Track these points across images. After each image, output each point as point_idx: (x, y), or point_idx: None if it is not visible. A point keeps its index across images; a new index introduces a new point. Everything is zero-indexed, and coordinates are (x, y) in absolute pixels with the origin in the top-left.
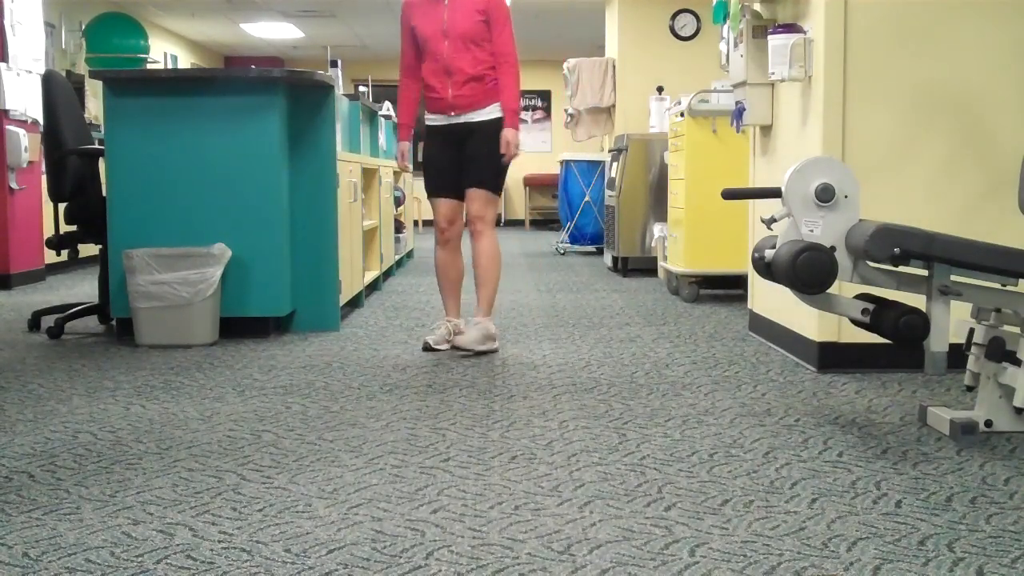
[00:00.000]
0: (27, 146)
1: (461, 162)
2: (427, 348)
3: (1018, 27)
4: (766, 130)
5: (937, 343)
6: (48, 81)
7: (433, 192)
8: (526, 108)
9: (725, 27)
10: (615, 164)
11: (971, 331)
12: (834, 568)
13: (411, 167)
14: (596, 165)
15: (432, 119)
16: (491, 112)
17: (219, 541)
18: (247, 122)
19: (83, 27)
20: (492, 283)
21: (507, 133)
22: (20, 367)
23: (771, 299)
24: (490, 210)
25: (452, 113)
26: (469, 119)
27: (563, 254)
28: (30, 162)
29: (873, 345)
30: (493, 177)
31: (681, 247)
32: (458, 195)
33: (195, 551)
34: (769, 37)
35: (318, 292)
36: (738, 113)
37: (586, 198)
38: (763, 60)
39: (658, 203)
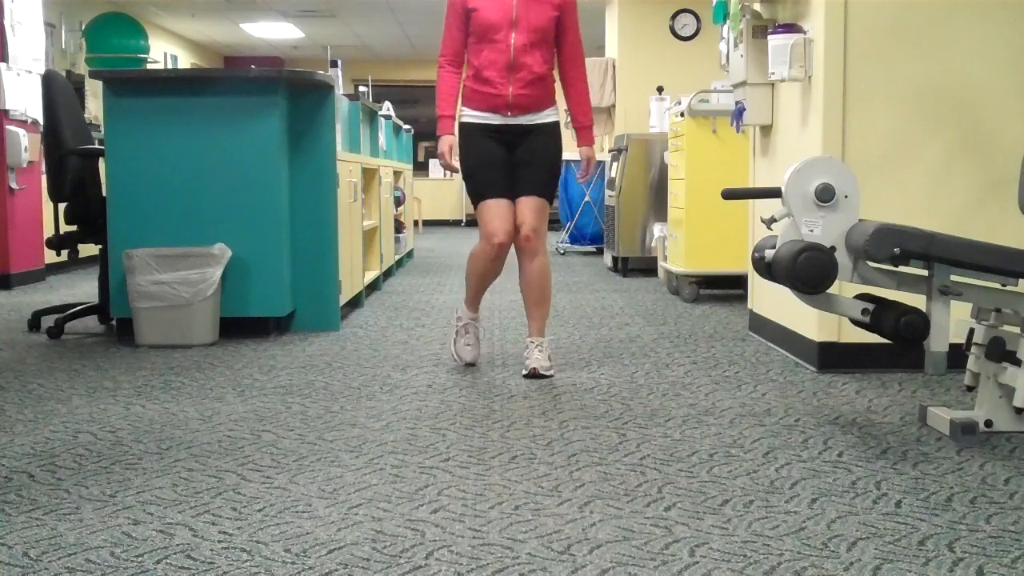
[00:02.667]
0: (27, 146)
1: (514, 164)
2: (457, 362)
3: (1018, 27)
4: (766, 130)
5: (937, 343)
6: (48, 81)
7: (490, 192)
8: None
9: (725, 27)
10: (615, 164)
11: (971, 331)
12: (834, 568)
13: (458, 166)
14: (596, 165)
15: (478, 116)
16: (548, 115)
17: (219, 541)
18: (247, 122)
19: (83, 27)
20: (549, 302)
21: (586, 152)
22: (20, 367)
23: (771, 299)
24: (545, 224)
25: (509, 113)
26: (526, 121)
27: (563, 254)
28: (30, 162)
29: (873, 345)
30: (550, 184)
31: (681, 247)
32: (512, 196)
33: (195, 551)
34: (769, 37)
35: (318, 292)
36: (738, 113)
37: (586, 198)
38: (763, 60)
39: (658, 203)
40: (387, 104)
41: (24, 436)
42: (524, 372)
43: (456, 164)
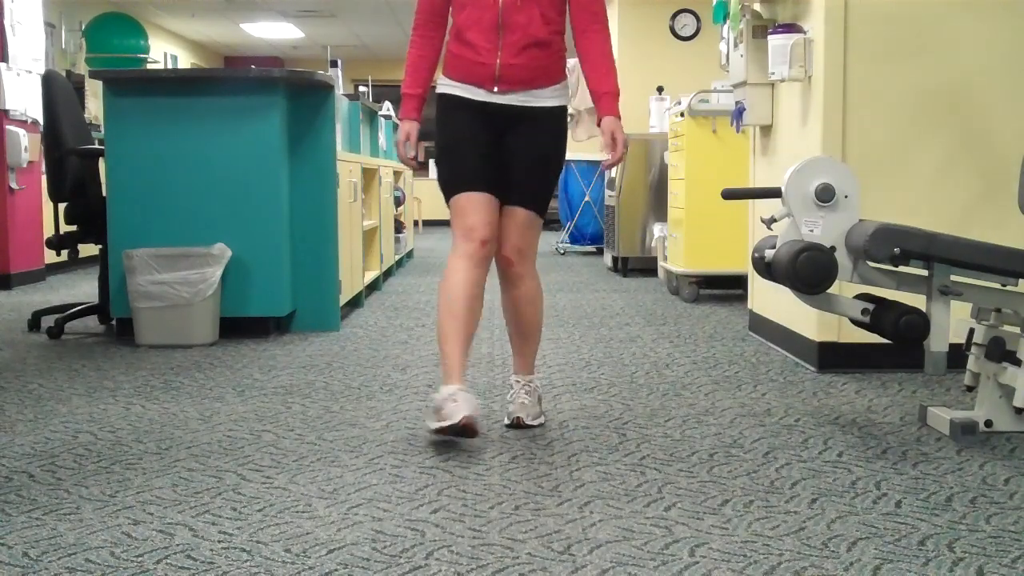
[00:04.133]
0: (27, 146)
1: (501, 157)
2: (445, 431)
3: (1017, 27)
4: (766, 130)
5: (937, 343)
6: (48, 81)
7: (462, 184)
8: None
9: (725, 27)
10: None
11: (971, 331)
12: (834, 568)
13: (417, 161)
14: (596, 165)
15: (459, 90)
16: (551, 96)
17: (219, 541)
18: (247, 122)
19: (83, 27)
20: (538, 334)
21: (611, 124)
22: (20, 367)
23: (771, 299)
24: (535, 243)
25: (496, 88)
26: (519, 101)
27: (563, 254)
28: (30, 162)
29: (873, 345)
30: (544, 193)
31: (681, 247)
32: (497, 193)
33: (195, 551)
34: (769, 37)
35: (318, 292)
36: (738, 113)
37: (586, 198)
38: (763, 60)
39: (658, 203)
40: (387, 104)
41: (24, 436)
42: (506, 421)
43: (413, 155)
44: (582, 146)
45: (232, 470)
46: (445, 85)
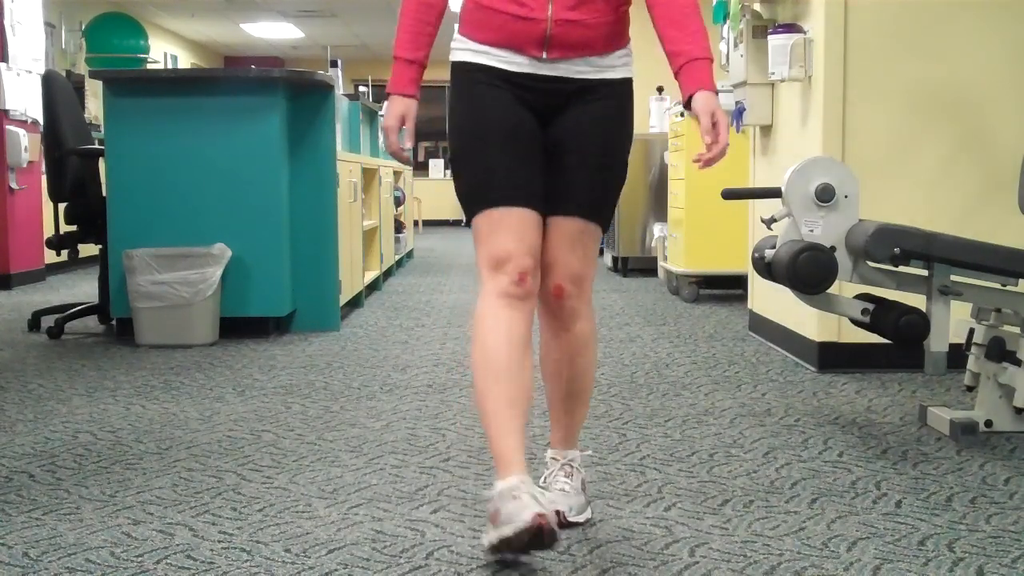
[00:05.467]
0: (27, 146)
1: (547, 153)
2: (509, 544)
3: (1017, 27)
4: (766, 130)
5: (937, 343)
6: (48, 81)
7: (492, 195)
8: None
9: (725, 27)
10: None
11: (971, 331)
12: (834, 568)
13: (409, 151)
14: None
15: (488, 57)
16: (618, 65)
17: (219, 541)
18: (247, 122)
19: (83, 27)
20: (588, 396)
21: (708, 102)
22: (20, 367)
23: (771, 299)
24: (594, 267)
25: (545, 55)
26: (577, 72)
27: None
28: (30, 162)
29: (873, 345)
30: (610, 199)
31: (681, 247)
32: (540, 207)
33: (195, 551)
34: (769, 37)
35: (318, 292)
36: (738, 113)
37: None
38: (763, 60)
39: (658, 203)
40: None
41: (24, 436)
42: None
43: (404, 147)
44: None
45: (232, 470)
46: (465, 50)
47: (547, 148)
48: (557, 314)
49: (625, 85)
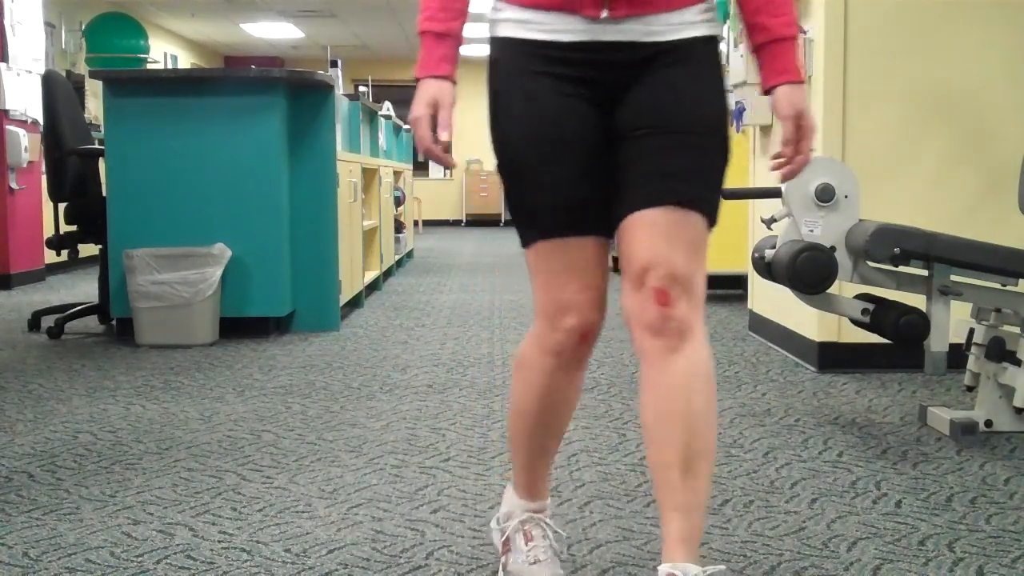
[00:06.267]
0: (27, 146)
1: (618, 144)
2: None
3: (1018, 27)
4: (766, 130)
5: (937, 343)
6: (48, 81)
7: (552, 225)
8: None
9: (725, 27)
10: None
11: (971, 331)
12: (834, 568)
13: (450, 149)
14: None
15: (537, 28)
16: (699, 20)
17: (219, 541)
18: (247, 122)
19: (83, 27)
20: (712, 457)
21: (795, 98)
22: (20, 367)
23: (771, 299)
24: (701, 265)
25: (605, 13)
26: (647, 32)
27: None
28: (30, 162)
29: (873, 345)
30: (712, 178)
31: None
32: (604, 230)
33: (195, 551)
34: None
35: (318, 292)
36: (738, 113)
37: None
38: None
39: None
40: (387, 104)
41: (24, 436)
42: None
43: (440, 147)
44: None
45: (232, 470)
46: (507, 22)
47: (617, 138)
48: (661, 329)
49: (710, 45)
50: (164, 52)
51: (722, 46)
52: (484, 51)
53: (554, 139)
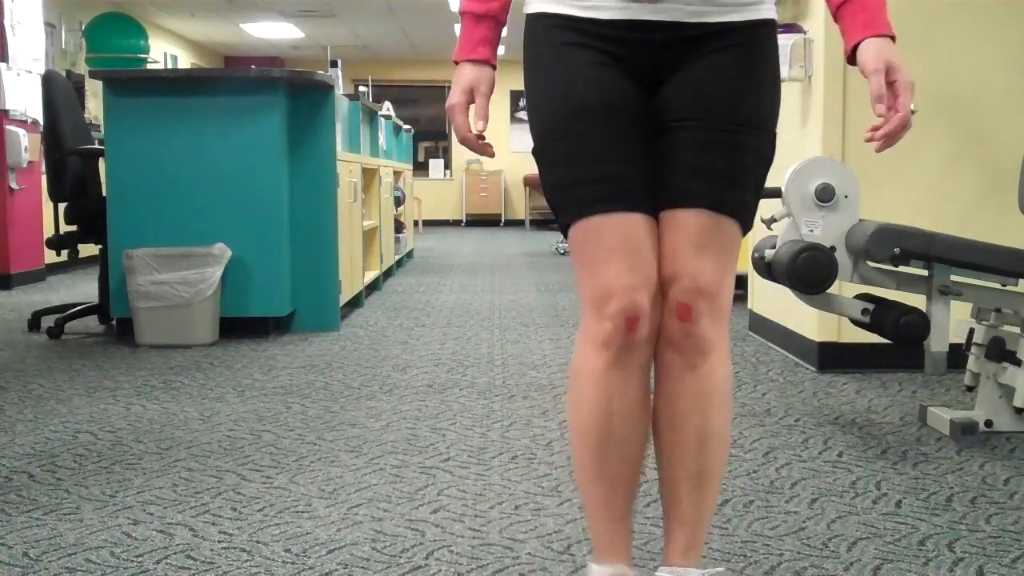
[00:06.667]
0: (27, 146)
1: (657, 130)
2: None
3: (1018, 28)
4: None
5: (937, 343)
6: (48, 81)
7: (592, 200)
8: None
9: None
10: None
11: (971, 331)
12: (834, 568)
13: (482, 132)
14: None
15: (579, 4)
16: (747, 1)
17: (219, 541)
18: (247, 122)
19: (83, 27)
20: (720, 471)
21: (881, 53)
22: (20, 367)
23: (771, 299)
24: (730, 277)
25: None
26: (692, 12)
27: (563, 254)
28: (30, 162)
29: (873, 345)
30: (750, 181)
31: None
32: (651, 210)
33: (195, 551)
34: None
35: (318, 292)
36: None
37: None
38: None
39: None
40: (387, 104)
41: (24, 436)
42: None
43: (480, 130)
44: None
45: (232, 470)
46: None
47: (656, 124)
48: (680, 344)
49: (763, 29)
50: (164, 52)
51: None
52: None
53: (592, 106)
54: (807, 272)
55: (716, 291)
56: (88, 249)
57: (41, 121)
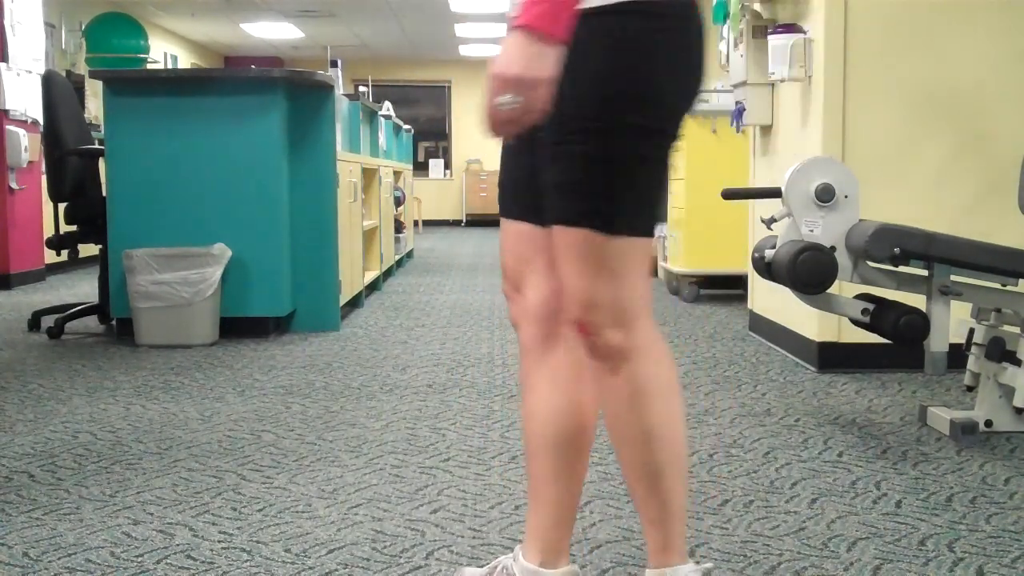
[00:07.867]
0: (27, 146)
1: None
2: None
3: (1018, 28)
4: (766, 130)
5: (937, 343)
6: (48, 81)
7: (503, 209)
8: None
9: (725, 27)
10: None
11: (971, 331)
12: (834, 568)
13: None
14: None
15: None
16: None
17: (219, 541)
18: (247, 122)
19: (83, 27)
20: (680, 476)
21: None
22: (20, 367)
23: (771, 299)
24: (621, 283)
25: None
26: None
27: None
28: (30, 162)
29: (873, 345)
30: (584, 181)
31: (681, 247)
32: (537, 217)
33: (195, 551)
34: (769, 37)
35: (318, 292)
36: (738, 113)
37: None
38: (763, 60)
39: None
40: (387, 104)
41: (24, 436)
42: None
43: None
44: None
45: (232, 470)
46: None
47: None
48: (594, 354)
49: (593, 19)
50: (164, 52)
51: (721, 46)
52: (485, 51)
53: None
54: (807, 272)
55: (598, 302)
56: (88, 249)
57: (41, 121)
